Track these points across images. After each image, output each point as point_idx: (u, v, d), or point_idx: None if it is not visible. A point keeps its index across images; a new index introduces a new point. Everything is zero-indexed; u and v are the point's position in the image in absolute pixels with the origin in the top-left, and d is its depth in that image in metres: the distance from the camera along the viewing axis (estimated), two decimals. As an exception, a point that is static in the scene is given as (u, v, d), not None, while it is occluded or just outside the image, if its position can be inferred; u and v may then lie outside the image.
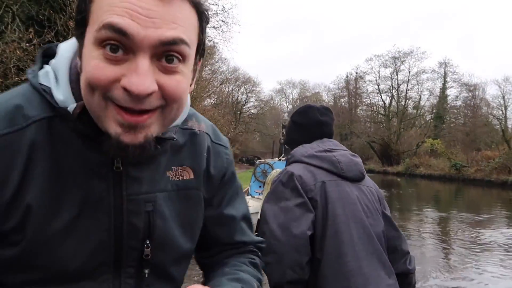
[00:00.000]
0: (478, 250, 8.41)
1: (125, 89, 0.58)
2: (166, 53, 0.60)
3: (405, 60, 46.92)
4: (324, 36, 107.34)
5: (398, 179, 32.61)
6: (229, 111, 37.51)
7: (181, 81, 0.63)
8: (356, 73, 52.42)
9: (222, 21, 19.04)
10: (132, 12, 0.57)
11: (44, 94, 0.67)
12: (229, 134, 26.10)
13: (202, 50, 0.70)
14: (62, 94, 0.67)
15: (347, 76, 54.44)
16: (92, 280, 0.72)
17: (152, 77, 0.59)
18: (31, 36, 8.02)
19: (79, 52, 0.65)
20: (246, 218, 0.96)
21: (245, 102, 51.55)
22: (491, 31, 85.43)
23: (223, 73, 41.53)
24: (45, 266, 0.68)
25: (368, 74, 51.44)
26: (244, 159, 36.45)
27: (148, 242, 0.75)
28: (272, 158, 13.31)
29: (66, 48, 0.72)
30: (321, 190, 1.52)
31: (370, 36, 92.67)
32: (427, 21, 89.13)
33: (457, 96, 45.97)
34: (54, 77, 0.69)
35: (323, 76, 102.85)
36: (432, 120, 45.98)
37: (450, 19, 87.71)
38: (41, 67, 0.72)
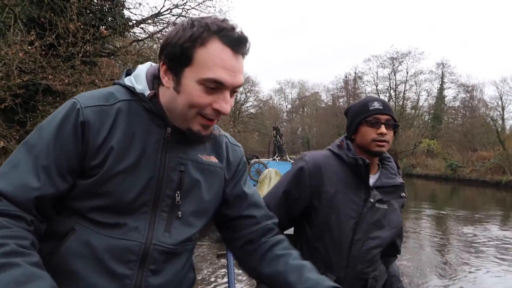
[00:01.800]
0: (474, 249, 8.56)
1: (216, 110, 0.97)
2: (234, 89, 1.00)
3: (403, 61, 46.89)
4: (324, 36, 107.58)
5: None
6: (228, 111, 37.64)
7: (233, 102, 1.03)
8: (355, 73, 52.57)
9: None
10: (227, 70, 0.94)
11: (128, 87, 1.05)
12: (228, 133, 26.24)
13: None
14: (141, 86, 1.05)
15: (345, 76, 54.50)
16: (135, 214, 1.00)
17: (230, 104, 0.99)
18: (32, 39, 8.25)
19: (169, 75, 0.99)
20: (257, 194, 1.29)
21: (244, 102, 51.71)
22: (489, 32, 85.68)
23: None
24: (107, 195, 0.97)
25: (366, 74, 51.50)
26: (248, 158, 36.65)
27: (178, 192, 1.04)
28: (267, 158, 13.57)
29: (143, 66, 1.12)
30: None
31: (368, 36, 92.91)
32: (426, 21, 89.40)
33: (454, 97, 46.10)
34: (134, 80, 1.07)
35: (322, 76, 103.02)
36: (429, 121, 46.20)
37: (448, 19, 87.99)
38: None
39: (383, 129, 1.56)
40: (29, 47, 8.02)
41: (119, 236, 0.97)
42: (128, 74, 1.11)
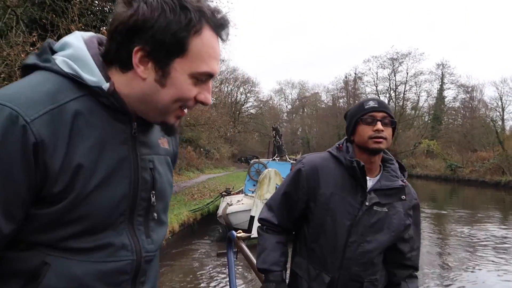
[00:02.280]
0: (474, 249, 8.65)
1: (200, 101, 0.87)
2: None
3: (403, 62, 47.13)
4: (324, 37, 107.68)
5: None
6: (228, 111, 37.78)
7: None
8: (355, 73, 52.67)
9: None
10: (216, 60, 0.86)
11: (75, 78, 0.81)
12: (228, 134, 26.30)
13: None
14: (94, 76, 0.82)
15: (345, 77, 54.62)
16: (114, 230, 0.87)
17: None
18: (34, 40, 8.34)
19: (149, 64, 0.82)
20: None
21: (244, 102, 51.78)
22: (489, 33, 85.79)
23: (222, 73, 41.77)
24: (82, 218, 0.81)
25: (366, 75, 51.66)
26: (242, 158, 36.70)
27: (153, 192, 0.94)
28: (267, 159, 13.65)
29: (77, 41, 0.86)
30: None
31: (368, 37, 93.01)
32: (426, 22, 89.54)
33: (454, 98, 46.23)
34: (75, 65, 0.82)
35: (322, 77, 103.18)
36: (429, 121, 46.22)
37: (448, 20, 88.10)
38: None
39: (379, 125, 1.57)
40: (31, 48, 8.08)
41: (106, 259, 0.85)
42: (51, 49, 0.87)
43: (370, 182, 1.63)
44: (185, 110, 0.90)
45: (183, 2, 0.80)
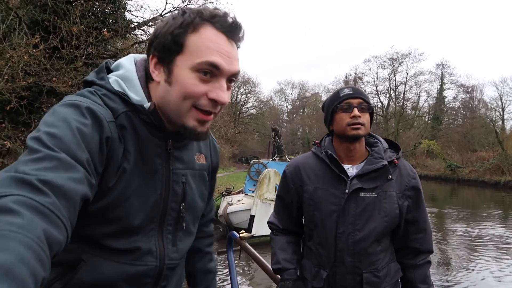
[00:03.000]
0: (474, 248, 8.73)
1: (212, 100, 0.88)
2: (231, 78, 0.92)
3: (402, 62, 47.24)
4: (325, 38, 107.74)
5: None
6: (227, 112, 37.84)
7: (230, 94, 0.95)
8: (355, 73, 52.76)
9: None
10: (222, 54, 0.87)
11: (122, 95, 0.92)
12: (228, 134, 26.36)
13: None
14: (137, 95, 0.92)
15: (346, 77, 54.67)
16: (144, 233, 0.94)
17: (227, 93, 0.91)
18: (37, 42, 8.44)
19: (159, 67, 0.91)
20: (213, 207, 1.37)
21: (245, 103, 51.91)
22: (489, 33, 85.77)
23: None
24: (118, 219, 0.89)
25: (366, 75, 51.84)
26: (243, 159, 36.77)
27: (183, 204, 1.01)
28: (267, 159, 13.76)
29: (129, 63, 0.99)
30: None
31: (369, 38, 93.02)
32: (426, 22, 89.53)
33: (454, 98, 46.30)
34: (124, 84, 0.93)
35: (322, 77, 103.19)
36: (429, 121, 46.29)
37: (448, 20, 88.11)
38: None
39: (355, 111, 1.55)
40: (34, 50, 8.19)
41: (133, 262, 0.93)
42: (107, 68, 0.99)
43: (354, 169, 1.60)
44: (209, 115, 0.90)
45: (184, 9, 0.90)
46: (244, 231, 2.37)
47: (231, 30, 0.89)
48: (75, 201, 0.71)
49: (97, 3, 11.00)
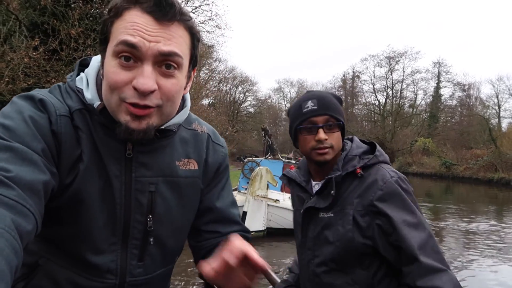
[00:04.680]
0: (469, 244, 8.90)
1: (134, 88, 0.77)
2: (165, 62, 0.80)
3: (399, 60, 47.44)
4: (322, 38, 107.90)
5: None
6: (225, 111, 38.04)
7: (176, 83, 0.82)
8: (353, 72, 52.96)
9: (216, 26, 19.83)
10: (140, 32, 0.77)
11: (77, 93, 0.87)
12: (227, 133, 26.61)
13: (194, 61, 0.90)
14: (90, 94, 0.86)
15: (344, 76, 54.81)
16: (105, 247, 0.88)
17: (153, 79, 0.78)
18: (36, 44, 8.72)
19: (101, 64, 0.85)
20: (234, 205, 1.11)
21: (243, 101, 52.11)
22: (485, 31, 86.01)
23: (220, 72, 42.00)
24: (74, 222, 0.85)
25: (363, 73, 52.28)
26: (242, 157, 37.01)
27: (150, 216, 0.90)
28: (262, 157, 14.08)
29: (96, 60, 0.93)
30: None
31: (367, 38, 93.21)
32: (422, 21, 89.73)
33: (450, 96, 46.56)
34: (86, 82, 0.89)
35: (320, 75, 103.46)
36: (426, 119, 46.50)
37: (444, 19, 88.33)
38: (78, 74, 0.93)
39: (320, 134, 1.30)
40: (34, 53, 8.46)
41: (90, 277, 0.87)
42: (83, 65, 0.95)
43: (316, 186, 1.39)
44: (141, 109, 0.79)
45: None
46: None
47: (159, 9, 0.79)
48: (39, 190, 0.71)
49: (95, 5, 11.25)
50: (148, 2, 0.79)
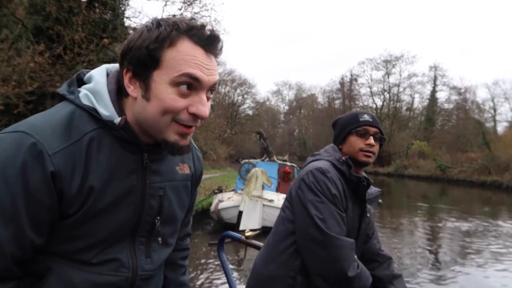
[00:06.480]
0: (464, 246, 9.03)
1: (193, 114, 0.86)
2: (211, 89, 0.89)
3: (396, 64, 47.89)
4: (320, 40, 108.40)
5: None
6: (224, 113, 38.29)
7: (210, 105, 0.93)
8: (351, 75, 53.24)
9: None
10: (200, 67, 0.84)
11: (91, 112, 0.88)
12: (225, 135, 26.87)
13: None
14: (107, 111, 0.88)
15: (342, 79, 55.21)
16: (115, 247, 0.93)
17: (208, 106, 0.89)
18: (41, 48, 9.03)
19: (135, 82, 0.87)
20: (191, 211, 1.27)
21: (241, 104, 52.35)
22: (482, 35, 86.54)
23: (219, 74, 42.22)
24: (86, 236, 0.88)
25: (361, 77, 52.39)
26: (240, 159, 37.22)
27: (158, 217, 0.98)
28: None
29: (100, 75, 0.94)
30: None
31: (365, 43, 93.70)
32: (419, 25, 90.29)
33: (446, 99, 46.88)
34: (94, 99, 0.90)
35: (319, 79, 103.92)
36: (422, 122, 46.78)
37: (441, 23, 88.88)
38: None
39: (371, 140, 1.59)
40: (40, 58, 8.77)
41: (104, 272, 0.92)
42: (79, 80, 0.96)
43: None
44: (190, 128, 0.89)
45: (159, 21, 0.87)
46: (249, 231, 2.34)
47: (209, 43, 0.87)
48: (6, 257, 0.81)
49: (98, 10, 11.55)
50: (199, 34, 0.85)
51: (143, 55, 0.84)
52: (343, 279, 1.43)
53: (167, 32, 0.84)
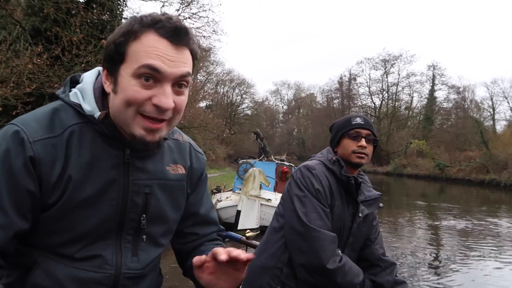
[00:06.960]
0: (463, 244, 9.08)
1: (155, 105, 0.85)
2: (179, 82, 0.88)
3: (394, 63, 47.96)
4: (319, 40, 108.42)
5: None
6: (223, 113, 38.26)
7: (185, 99, 0.92)
8: (350, 74, 53.30)
9: (213, 31, 20.26)
10: (161, 57, 0.85)
11: (75, 107, 0.92)
12: (224, 135, 26.87)
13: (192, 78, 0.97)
14: (89, 106, 0.92)
15: (340, 78, 55.27)
16: (100, 242, 0.94)
17: (172, 97, 0.87)
18: (39, 50, 9.06)
19: (109, 78, 0.91)
20: (213, 208, 1.26)
21: (240, 103, 52.35)
22: (480, 34, 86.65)
23: (217, 75, 42.24)
24: (68, 229, 0.90)
25: (359, 76, 52.38)
26: (239, 159, 37.23)
27: (144, 215, 0.98)
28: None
29: (89, 76, 1.00)
30: None
31: (364, 43, 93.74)
32: (417, 24, 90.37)
33: (445, 98, 46.90)
34: (81, 96, 0.95)
35: (317, 78, 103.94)
36: (421, 122, 46.78)
37: (439, 22, 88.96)
38: (70, 89, 0.98)
39: (363, 142, 1.67)
40: (38, 60, 8.81)
41: (87, 268, 0.93)
42: (74, 82, 1.01)
43: None
44: (158, 123, 0.88)
45: (130, 18, 0.90)
46: (249, 231, 2.39)
47: (175, 35, 0.87)
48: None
49: (96, 11, 11.57)
50: (164, 27, 0.86)
51: (112, 51, 0.88)
52: (322, 270, 1.47)
53: (131, 26, 0.87)
